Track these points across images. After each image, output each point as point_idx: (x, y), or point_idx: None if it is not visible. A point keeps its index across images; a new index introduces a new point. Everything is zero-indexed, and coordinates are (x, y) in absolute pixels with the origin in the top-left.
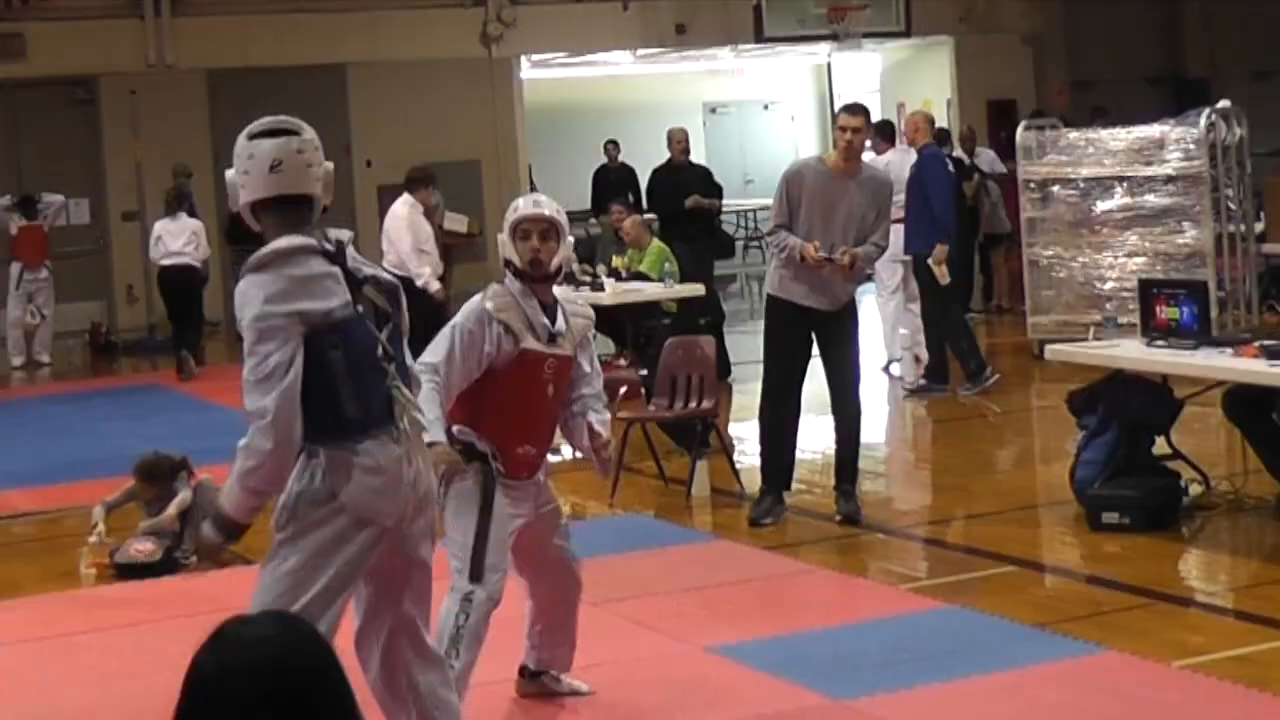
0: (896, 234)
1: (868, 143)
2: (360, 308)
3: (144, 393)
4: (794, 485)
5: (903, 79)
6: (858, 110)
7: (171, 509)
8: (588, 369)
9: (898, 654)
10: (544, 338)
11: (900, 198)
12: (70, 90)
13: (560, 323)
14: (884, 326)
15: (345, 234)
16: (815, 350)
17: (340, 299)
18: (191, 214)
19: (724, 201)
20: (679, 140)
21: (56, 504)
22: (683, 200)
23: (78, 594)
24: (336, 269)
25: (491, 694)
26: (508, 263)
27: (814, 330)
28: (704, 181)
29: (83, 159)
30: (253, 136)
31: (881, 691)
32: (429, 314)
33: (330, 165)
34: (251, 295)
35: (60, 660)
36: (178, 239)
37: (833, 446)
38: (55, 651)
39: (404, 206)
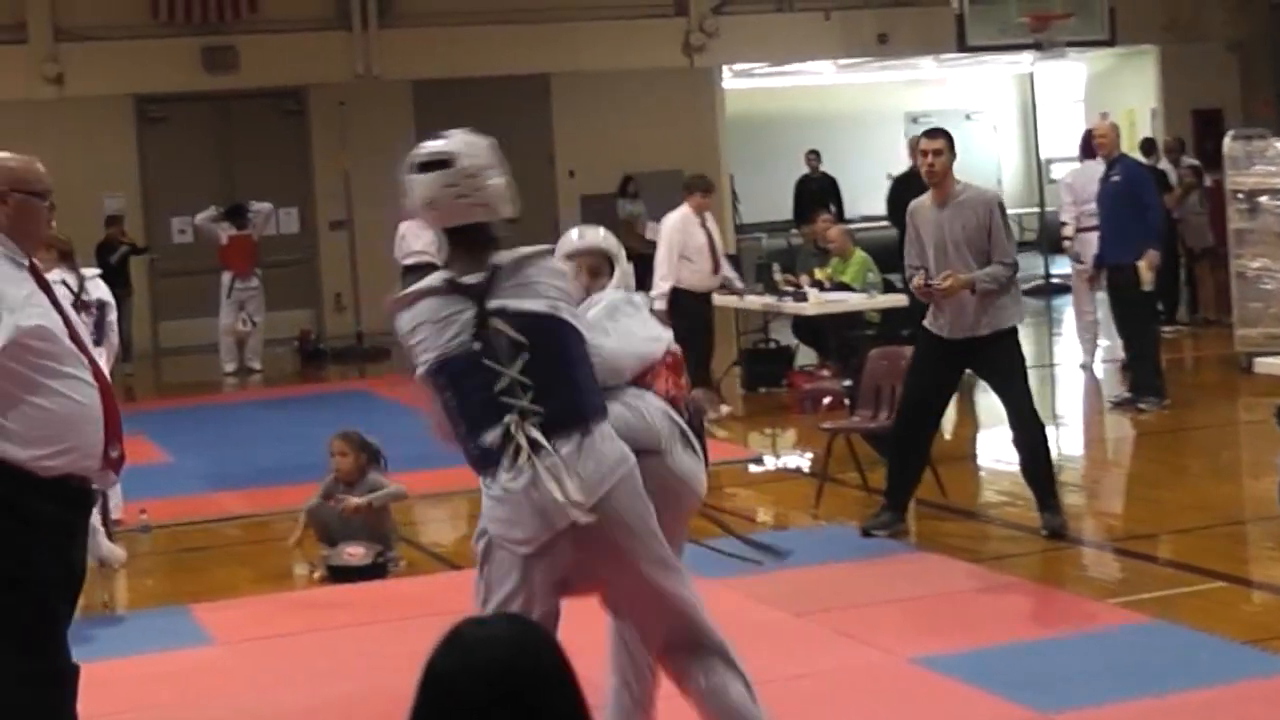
0: (1089, 242)
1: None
2: (478, 344)
3: (351, 399)
4: (997, 498)
5: (1107, 88)
6: (937, 134)
7: (364, 500)
8: None
9: (1104, 668)
10: None
11: (1088, 206)
12: (280, 101)
13: None
14: (1077, 325)
15: (504, 258)
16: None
17: (453, 337)
18: None
19: None
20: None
21: (267, 507)
22: None
23: (291, 596)
24: (463, 305)
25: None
26: None
27: (968, 363)
28: None
29: (292, 169)
30: (411, 170)
31: (1088, 706)
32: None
33: (500, 181)
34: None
35: (277, 660)
36: (420, 238)
37: (1027, 464)
38: (272, 651)
39: (675, 214)
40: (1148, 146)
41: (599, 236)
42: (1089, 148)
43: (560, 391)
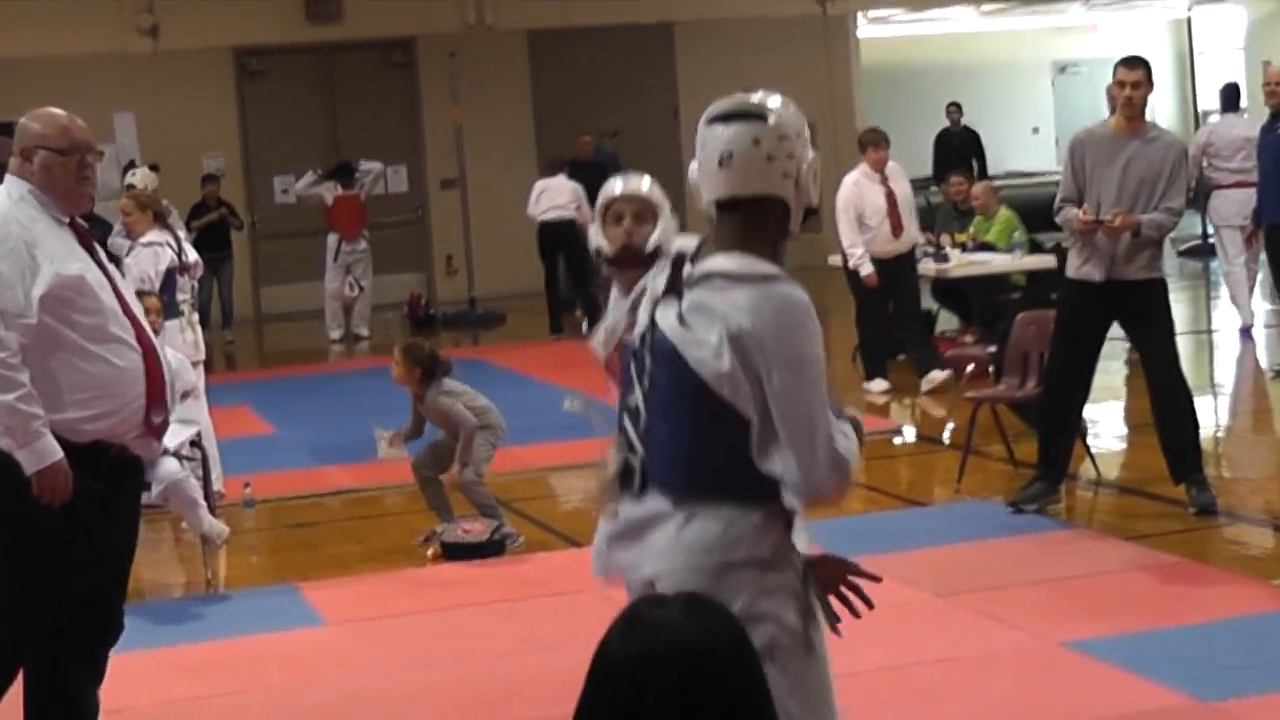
0: (1233, 199)
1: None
2: (639, 342)
3: (463, 367)
4: (1152, 471)
5: (1270, 35)
6: (1137, 63)
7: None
8: None
9: (1269, 654)
10: None
11: (1233, 163)
12: (388, 53)
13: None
14: (1232, 291)
15: (717, 265)
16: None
17: (642, 318)
18: (571, 177)
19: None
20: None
21: (376, 481)
22: None
23: (403, 574)
24: (662, 286)
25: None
26: (598, 251)
27: (1116, 314)
28: None
29: (400, 124)
30: (709, 121)
31: (1252, 693)
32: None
33: (812, 156)
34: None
35: (391, 642)
36: (560, 195)
37: (1173, 431)
38: (385, 633)
39: (849, 175)
40: None
41: (643, 185)
42: (1231, 100)
43: (660, 445)
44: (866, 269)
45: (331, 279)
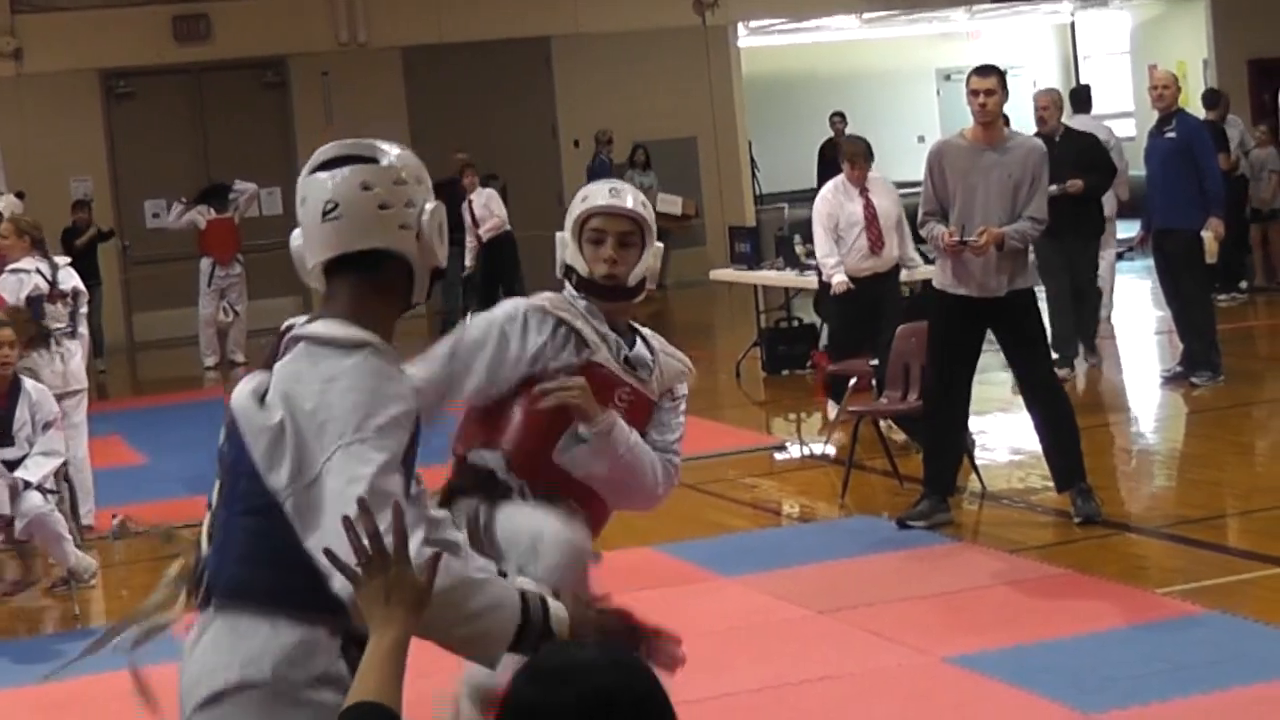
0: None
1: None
2: (222, 435)
3: None
4: (1039, 483)
5: (1154, 38)
6: (989, 71)
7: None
8: (671, 433)
9: (1153, 664)
10: (619, 358)
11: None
12: (259, 73)
13: (643, 352)
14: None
15: (309, 330)
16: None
17: None
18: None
19: None
20: (1045, 105)
21: None
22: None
23: None
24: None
25: (709, 711)
26: (569, 270)
27: (988, 325)
28: (1079, 156)
29: (273, 146)
30: (311, 170)
31: (1136, 704)
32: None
33: (434, 206)
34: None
35: None
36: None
37: (1052, 439)
38: None
39: (825, 186)
40: (1211, 99)
41: (632, 199)
42: (1083, 101)
43: (219, 541)
44: (839, 278)
45: (205, 304)
